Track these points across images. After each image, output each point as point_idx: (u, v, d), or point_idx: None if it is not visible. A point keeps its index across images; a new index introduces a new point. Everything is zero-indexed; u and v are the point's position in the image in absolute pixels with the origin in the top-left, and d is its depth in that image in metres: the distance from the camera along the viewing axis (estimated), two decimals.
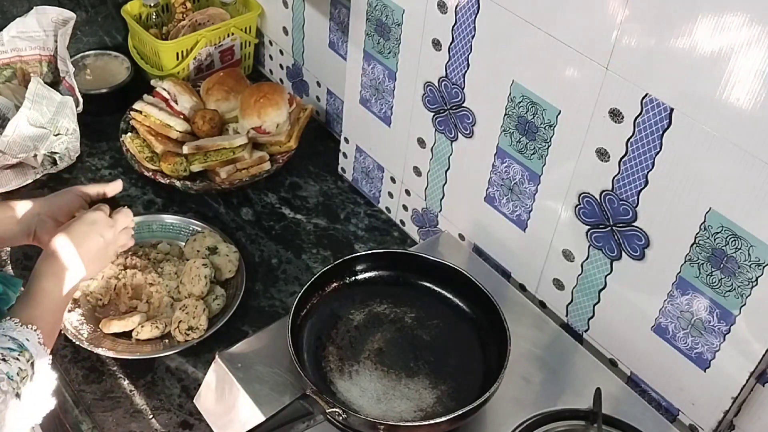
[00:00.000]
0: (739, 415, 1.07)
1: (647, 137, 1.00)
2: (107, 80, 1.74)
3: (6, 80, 1.65)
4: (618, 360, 1.20)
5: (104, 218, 1.17)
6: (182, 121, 1.59)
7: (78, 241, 1.11)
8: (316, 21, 1.61)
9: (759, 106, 0.87)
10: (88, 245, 1.12)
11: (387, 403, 1.08)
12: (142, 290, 1.34)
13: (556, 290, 1.25)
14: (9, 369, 0.93)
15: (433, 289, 1.22)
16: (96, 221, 1.15)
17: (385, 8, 1.30)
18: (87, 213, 1.16)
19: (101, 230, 1.15)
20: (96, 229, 1.14)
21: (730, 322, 1.01)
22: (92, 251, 1.13)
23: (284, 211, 1.55)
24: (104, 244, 1.15)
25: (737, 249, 0.97)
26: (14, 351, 0.95)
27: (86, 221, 1.14)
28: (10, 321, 0.99)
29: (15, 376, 0.93)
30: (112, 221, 1.18)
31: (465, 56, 1.20)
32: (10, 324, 0.98)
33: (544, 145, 1.15)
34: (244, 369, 1.11)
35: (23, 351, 0.95)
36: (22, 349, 0.95)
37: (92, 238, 1.13)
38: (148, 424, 1.19)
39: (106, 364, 1.26)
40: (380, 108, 1.43)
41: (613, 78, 1.01)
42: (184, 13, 1.80)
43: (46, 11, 1.63)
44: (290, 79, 1.80)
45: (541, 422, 1.09)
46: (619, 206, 1.08)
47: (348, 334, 1.16)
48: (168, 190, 1.56)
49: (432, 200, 1.42)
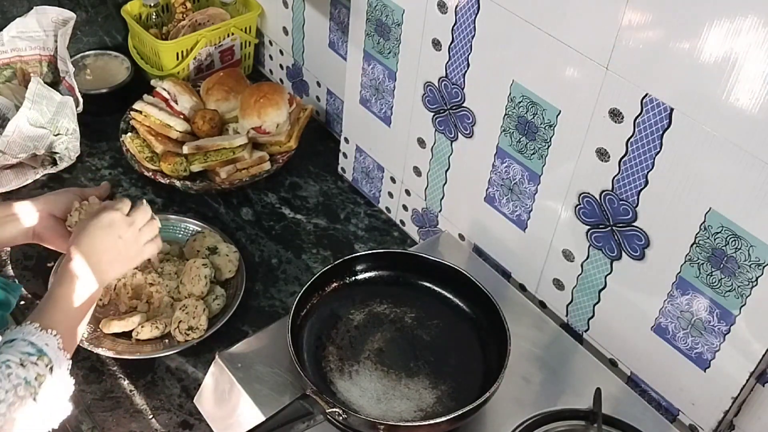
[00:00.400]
0: (739, 415, 1.07)
1: (647, 137, 1.00)
2: (107, 80, 1.74)
3: (6, 80, 1.65)
4: (618, 360, 1.20)
5: (121, 218, 1.15)
6: (182, 121, 1.59)
7: (96, 243, 1.11)
8: (316, 21, 1.61)
9: (759, 106, 0.87)
10: (106, 247, 1.12)
11: (387, 403, 1.08)
12: (142, 290, 1.34)
13: (556, 290, 1.25)
14: (27, 374, 0.93)
15: (433, 289, 1.22)
16: (113, 222, 1.14)
17: (385, 8, 1.30)
18: (103, 213, 1.14)
19: (119, 231, 1.14)
20: (114, 230, 1.13)
21: (730, 322, 1.01)
22: (112, 253, 1.13)
23: (284, 211, 1.55)
24: (124, 245, 1.14)
25: (737, 249, 0.97)
26: (32, 356, 0.95)
27: (103, 223, 1.13)
28: (30, 326, 0.99)
29: (33, 381, 0.93)
30: (130, 219, 1.16)
31: (465, 56, 1.20)
32: (29, 328, 0.98)
33: (544, 145, 1.15)
34: (244, 369, 1.11)
35: (42, 356, 0.95)
36: (40, 354, 0.95)
37: (110, 240, 1.13)
38: (148, 424, 1.19)
39: (106, 364, 1.26)
40: (380, 108, 1.43)
41: (613, 78, 1.01)
42: (184, 13, 1.80)
43: (46, 11, 1.63)
44: (290, 79, 1.80)
45: (541, 422, 1.09)
46: (619, 206, 1.08)
47: (348, 334, 1.16)
48: (168, 190, 1.56)
49: (432, 200, 1.42)
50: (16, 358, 0.93)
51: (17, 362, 0.93)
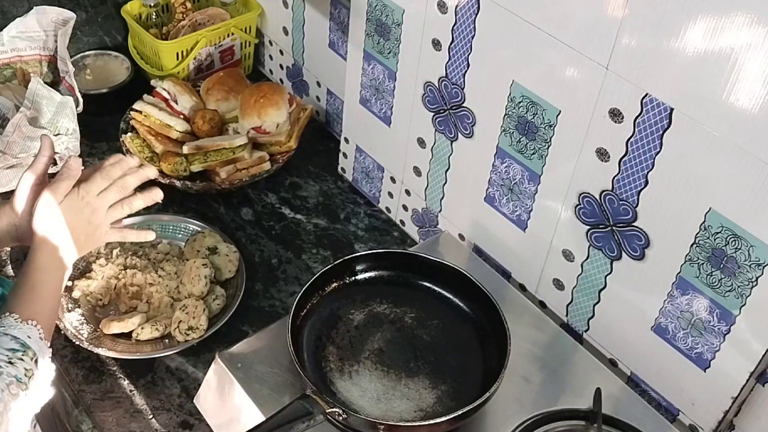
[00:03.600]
0: (739, 415, 1.07)
1: (647, 137, 1.00)
2: (107, 80, 1.75)
3: (6, 80, 1.65)
4: (618, 360, 1.20)
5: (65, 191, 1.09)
6: (182, 121, 1.59)
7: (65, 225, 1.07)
8: (316, 21, 1.61)
9: (759, 106, 0.87)
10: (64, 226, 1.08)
11: (387, 403, 1.08)
12: (142, 290, 1.34)
13: (556, 290, 1.25)
14: (17, 372, 0.93)
15: (433, 289, 1.22)
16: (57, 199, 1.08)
17: (385, 8, 1.30)
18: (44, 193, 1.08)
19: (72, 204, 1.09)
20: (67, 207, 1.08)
21: (730, 322, 1.01)
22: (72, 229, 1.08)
23: (284, 211, 1.55)
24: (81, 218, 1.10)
25: (737, 249, 0.97)
26: (18, 351, 0.95)
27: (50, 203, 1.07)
28: (9, 317, 0.98)
29: (23, 377, 0.93)
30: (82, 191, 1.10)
31: (465, 56, 1.20)
32: (9, 320, 0.98)
33: (544, 145, 1.15)
34: (244, 369, 1.11)
35: (27, 350, 0.95)
36: (25, 348, 0.95)
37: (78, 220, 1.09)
38: (148, 424, 1.19)
39: (106, 364, 1.26)
40: (380, 108, 1.43)
41: (613, 78, 1.01)
42: (184, 13, 1.80)
43: (46, 11, 1.63)
44: (290, 79, 1.80)
45: (541, 422, 1.09)
46: (619, 206, 1.08)
47: (348, 334, 1.16)
48: (168, 190, 1.55)
49: (432, 200, 1.42)
50: (4, 356, 0.93)
51: (6, 360, 0.93)
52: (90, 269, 1.36)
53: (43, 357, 0.97)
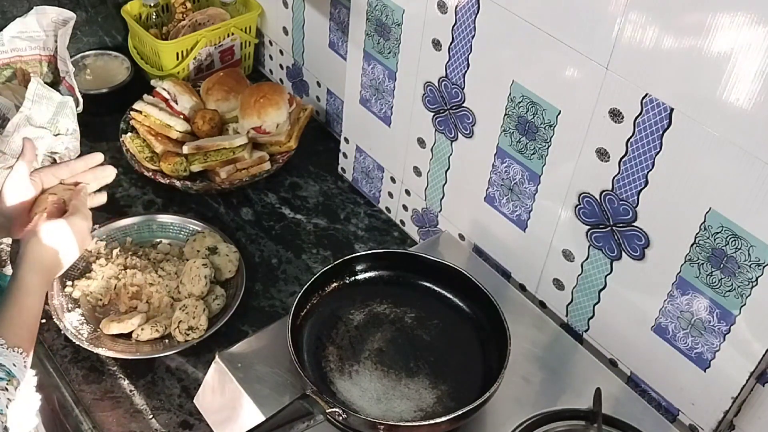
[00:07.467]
0: (739, 415, 1.07)
1: (647, 137, 1.00)
2: (107, 80, 1.74)
3: (6, 80, 1.64)
4: (618, 360, 1.20)
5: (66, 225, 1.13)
6: (182, 121, 1.59)
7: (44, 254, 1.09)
8: (316, 21, 1.61)
9: (759, 106, 0.87)
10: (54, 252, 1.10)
11: (387, 403, 1.08)
12: (142, 290, 1.34)
13: (556, 290, 1.25)
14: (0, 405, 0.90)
15: (433, 289, 1.22)
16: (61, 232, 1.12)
17: (385, 8, 1.30)
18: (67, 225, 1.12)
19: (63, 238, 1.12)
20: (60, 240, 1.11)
21: (730, 322, 1.01)
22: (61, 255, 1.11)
23: (284, 211, 1.55)
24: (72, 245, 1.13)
25: (737, 249, 0.97)
26: (3, 380, 0.91)
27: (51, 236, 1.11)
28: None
29: (5, 408, 0.90)
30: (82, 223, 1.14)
31: (465, 56, 1.20)
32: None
33: (544, 145, 1.15)
34: (244, 369, 1.11)
35: (11, 378, 0.92)
36: (10, 377, 0.92)
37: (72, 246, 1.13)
38: (148, 424, 1.19)
39: (106, 364, 1.26)
40: (380, 108, 1.43)
41: (613, 78, 1.01)
42: (184, 13, 1.80)
43: (46, 11, 1.62)
44: (290, 79, 1.80)
45: (541, 422, 1.09)
46: (619, 206, 1.08)
47: (348, 334, 1.16)
48: (168, 190, 1.56)
49: (432, 200, 1.42)
50: None
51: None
52: (90, 269, 1.36)
53: (27, 384, 0.95)
